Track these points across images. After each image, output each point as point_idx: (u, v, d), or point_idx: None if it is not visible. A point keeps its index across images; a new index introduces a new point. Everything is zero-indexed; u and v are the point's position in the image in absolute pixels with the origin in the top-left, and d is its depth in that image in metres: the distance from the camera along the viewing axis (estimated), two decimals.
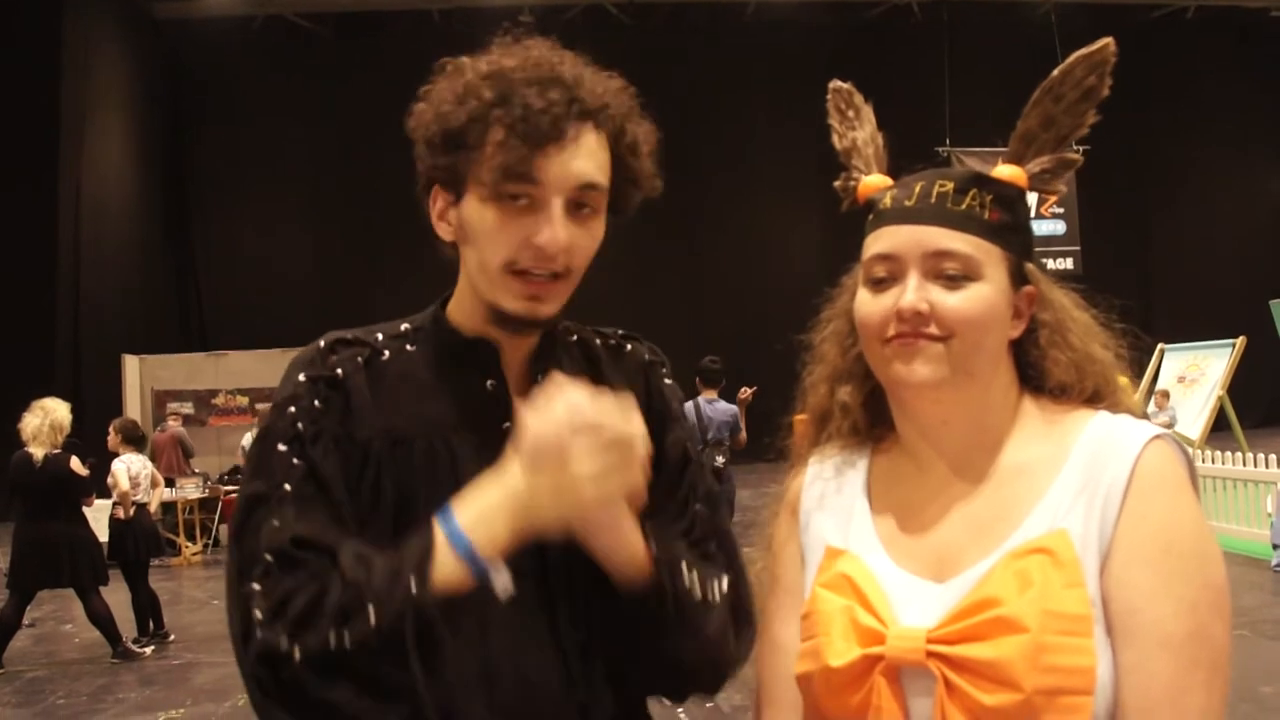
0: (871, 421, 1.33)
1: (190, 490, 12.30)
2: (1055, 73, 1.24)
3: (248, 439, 11.79)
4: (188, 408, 15.96)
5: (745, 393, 8.20)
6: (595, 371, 1.35)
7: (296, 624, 1.06)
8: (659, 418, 1.35)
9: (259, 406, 15.49)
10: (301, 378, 1.22)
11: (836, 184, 1.36)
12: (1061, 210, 19.32)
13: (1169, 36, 22.02)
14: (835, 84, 1.42)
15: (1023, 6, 21.24)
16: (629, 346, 1.43)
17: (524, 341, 1.29)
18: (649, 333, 1.47)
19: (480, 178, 1.18)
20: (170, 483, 12.20)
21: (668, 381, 1.43)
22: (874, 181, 1.30)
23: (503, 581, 1.10)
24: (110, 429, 8.71)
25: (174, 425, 14.10)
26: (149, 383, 16.13)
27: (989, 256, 1.18)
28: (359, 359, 1.24)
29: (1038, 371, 1.23)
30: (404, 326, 1.31)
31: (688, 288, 20.90)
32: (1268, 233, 23.33)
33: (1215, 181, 22.90)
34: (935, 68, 19.16)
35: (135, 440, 8.78)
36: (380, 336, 1.29)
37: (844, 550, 1.24)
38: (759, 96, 21.28)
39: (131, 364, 15.90)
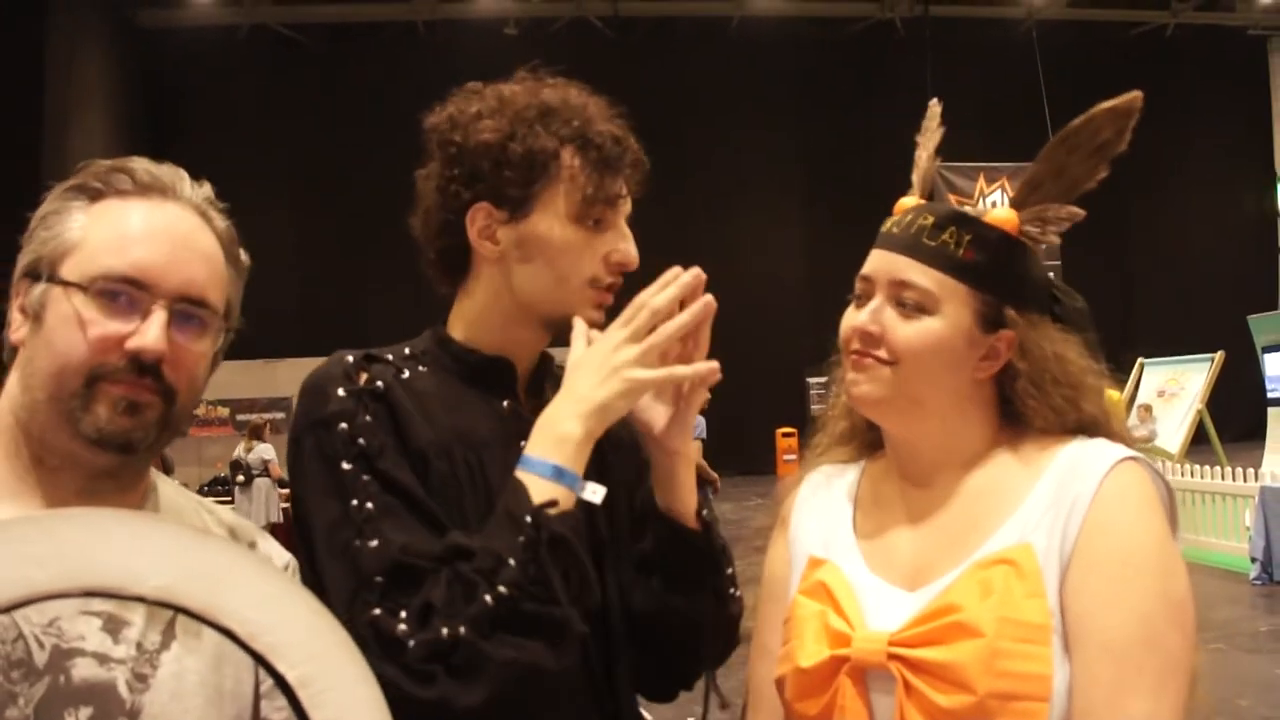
0: (871, 431, 1.36)
1: None
2: (1077, 121, 1.25)
3: (239, 451, 11.75)
4: None
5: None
6: None
7: (448, 610, 1.08)
8: (631, 445, 1.40)
9: (240, 417, 15.45)
10: (341, 393, 1.22)
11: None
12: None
13: (1149, 53, 22.22)
14: (932, 102, 1.46)
15: (1005, 23, 21.41)
16: None
17: (529, 363, 1.36)
18: None
19: (565, 196, 1.26)
20: None
21: None
22: (902, 202, 1.33)
23: (590, 489, 1.19)
24: None
25: None
26: None
27: (951, 294, 1.21)
28: (391, 374, 1.26)
29: (1020, 409, 1.25)
30: (406, 350, 1.33)
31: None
32: (1247, 248, 23.54)
33: (1195, 197, 23.10)
34: (918, 84, 19.23)
35: None
36: (391, 356, 1.31)
37: (824, 560, 1.28)
38: (742, 111, 21.37)
39: None
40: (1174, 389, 13.88)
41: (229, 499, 12.02)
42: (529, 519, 1.12)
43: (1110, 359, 1.29)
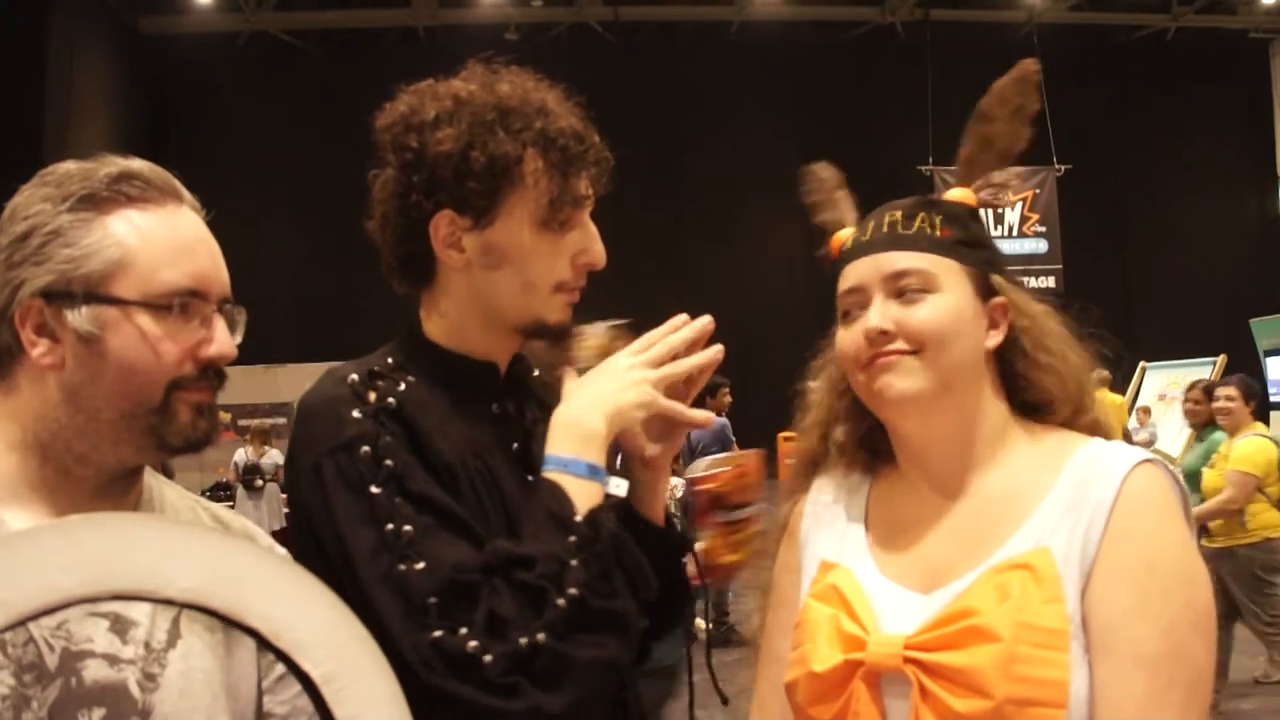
0: (870, 457, 1.37)
1: None
2: (983, 100, 1.31)
3: (241, 455, 11.75)
4: None
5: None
6: (549, 395, 1.42)
7: (522, 616, 1.07)
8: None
9: (241, 423, 15.44)
10: (356, 414, 1.19)
11: (819, 253, 1.43)
12: (1043, 229, 19.42)
13: (1149, 57, 22.22)
14: (807, 168, 1.53)
15: (1005, 27, 21.40)
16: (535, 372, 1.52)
17: (505, 363, 1.36)
18: None
19: (529, 201, 1.24)
20: None
21: None
22: (840, 235, 1.37)
23: (615, 484, 1.22)
24: None
25: None
26: None
27: (946, 270, 1.23)
28: (396, 389, 1.25)
29: (1026, 382, 1.26)
30: (389, 360, 1.30)
31: (671, 302, 20.86)
32: (1248, 251, 23.52)
33: (1196, 200, 23.08)
34: (918, 87, 19.26)
35: None
36: (380, 369, 1.28)
37: (836, 564, 1.28)
38: (743, 115, 21.36)
39: None
40: (1176, 392, 13.87)
41: (231, 503, 12.03)
42: (582, 521, 1.13)
43: (1111, 363, 1.30)
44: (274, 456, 11.65)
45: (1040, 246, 19.44)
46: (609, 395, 1.21)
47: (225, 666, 1.13)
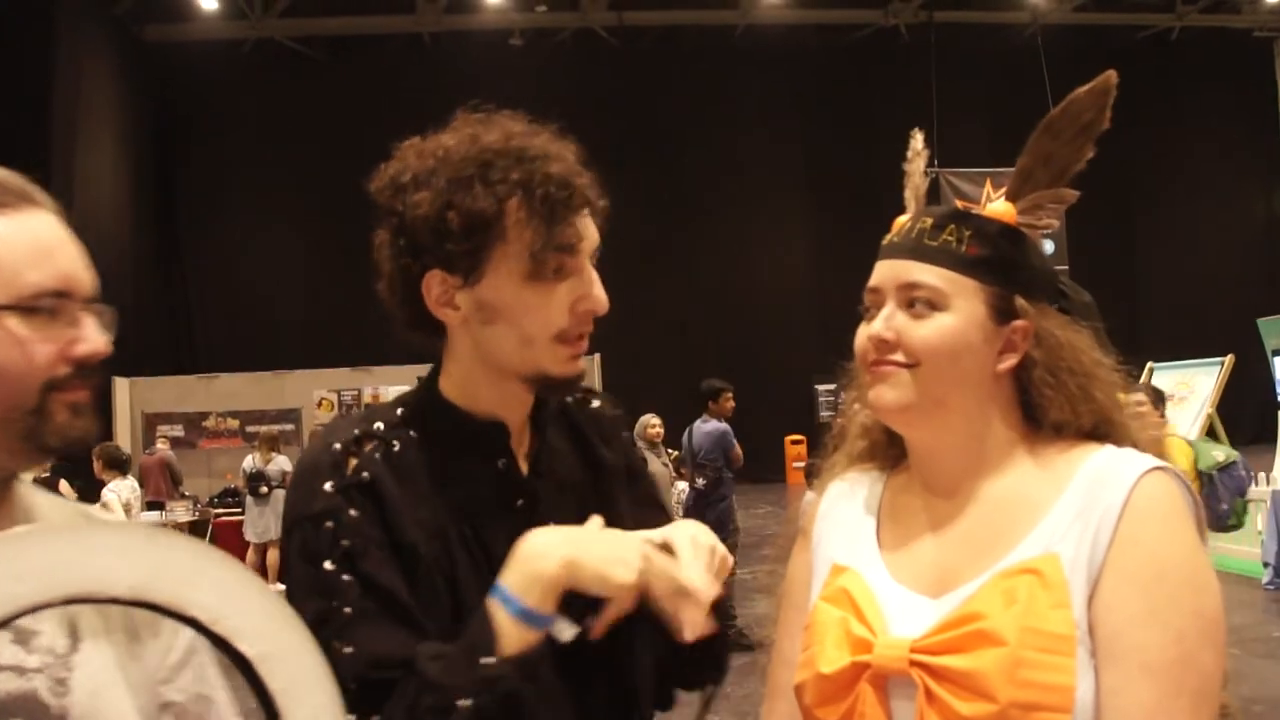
0: (891, 445, 1.36)
1: (180, 514, 12.23)
2: (1056, 110, 1.27)
3: (249, 462, 11.73)
4: (178, 430, 15.92)
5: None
6: (580, 439, 1.40)
7: None
8: (638, 477, 1.45)
9: (249, 429, 15.48)
10: (329, 488, 1.20)
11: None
12: (1049, 230, 19.40)
13: (1154, 57, 22.20)
14: (913, 132, 1.46)
15: (1009, 28, 21.40)
16: (594, 404, 1.47)
17: (522, 415, 1.32)
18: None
19: (514, 254, 1.20)
20: (160, 506, 12.15)
21: (625, 434, 1.51)
22: (898, 220, 1.34)
23: (561, 628, 1.15)
24: (93, 456, 8.66)
25: (162, 449, 14.05)
26: (139, 405, 16.09)
27: (960, 289, 1.21)
28: (377, 456, 1.23)
29: (1035, 408, 1.25)
30: (399, 411, 1.30)
31: (677, 309, 20.91)
32: (1254, 250, 23.49)
33: (1202, 200, 23.05)
34: (922, 89, 19.24)
35: (119, 464, 8.73)
36: (381, 426, 1.27)
37: (847, 567, 1.28)
38: (747, 118, 21.37)
39: (122, 387, 15.85)
40: (1184, 393, 13.83)
41: (239, 510, 12.03)
42: (494, 664, 1.11)
43: (1119, 363, 1.29)
44: (281, 463, 11.59)
45: (1047, 247, 19.37)
46: (592, 549, 1.16)
47: (127, 664, 1.14)
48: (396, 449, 1.25)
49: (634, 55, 20.80)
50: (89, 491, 8.55)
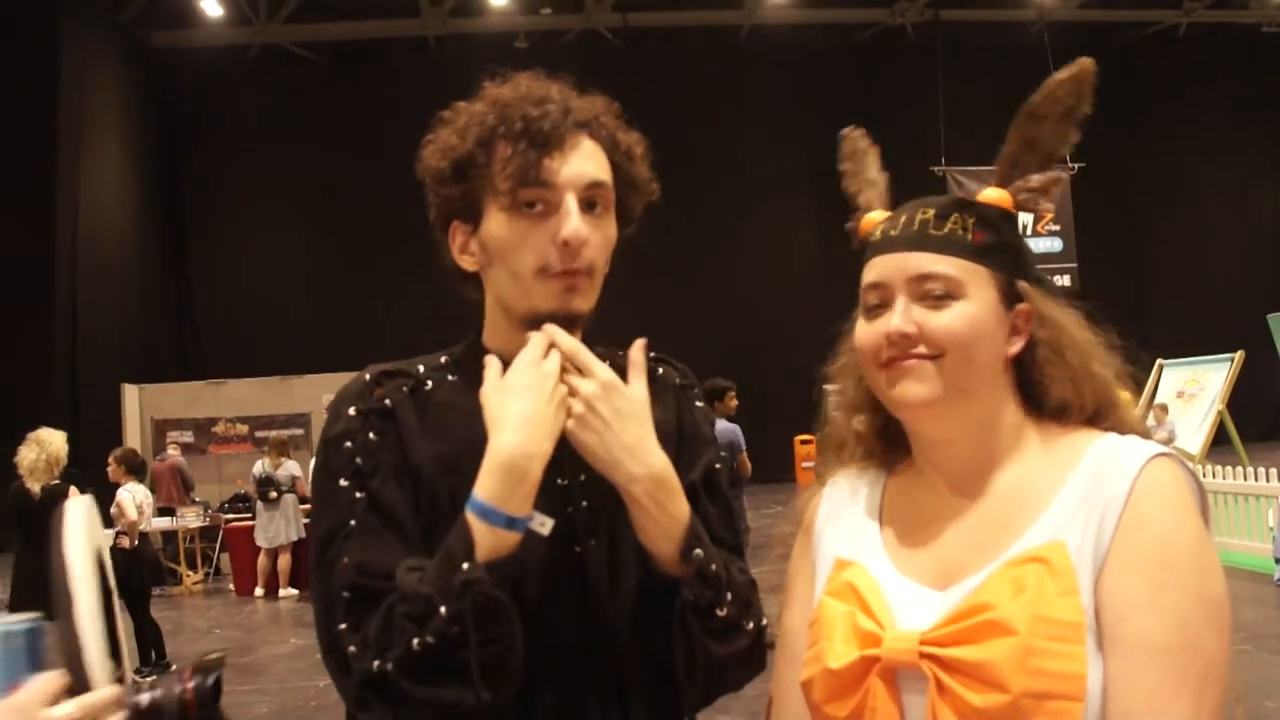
0: (887, 448, 1.36)
1: (191, 519, 12.26)
2: (1035, 96, 1.28)
3: (258, 467, 11.73)
4: (188, 436, 15.94)
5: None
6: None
7: (380, 644, 1.13)
8: (690, 441, 1.42)
9: (258, 434, 15.50)
10: (352, 411, 1.27)
11: (848, 225, 1.40)
12: (1058, 227, 19.36)
13: (1162, 53, 22.17)
14: (844, 132, 1.48)
15: (1016, 26, 21.37)
16: (660, 370, 1.47)
17: None
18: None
19: (497, 192, 1.26)
20: (171, 512, 12.18)
21: (699, 404, 1.49)
22: (872, 217, 1.34)
23: (539, 522, 1.20)
24: (110, 460, 8.69)
25: (173, 455, 14.07)
26: (149, 412, 16.11)
27: (973, 276, 1.21)
28: (404, 389, 1.30)
29: (1038, 390, 1.25)
30: (443, 359, 1.38)
31: (684, 307, 20.92)
32: (1264, 247, 23.41)
33: (1211, 196, 23.00)
34: (929, 88, 19.24)
35: (136, 469, 8.78)
36: (422, 368, 1.34)
37: (851, 561, 1.28)
38: (754, 118, 21.39)
39: (131, 393, 15.89)
40: (1194, 389, 13.80)
41: (249, 515, 12.04)
42: (467, 569, 1.13)
43: (1128, 360, 1.29)
44: (290, 468, 11.56)
45: (1055, 245, 19.39)
46: (545, 417, 1.20)
47: None
48: (429, 387, 1.32)
49: (639, 56, 20.81)
50: (102, 497, 8.56)
